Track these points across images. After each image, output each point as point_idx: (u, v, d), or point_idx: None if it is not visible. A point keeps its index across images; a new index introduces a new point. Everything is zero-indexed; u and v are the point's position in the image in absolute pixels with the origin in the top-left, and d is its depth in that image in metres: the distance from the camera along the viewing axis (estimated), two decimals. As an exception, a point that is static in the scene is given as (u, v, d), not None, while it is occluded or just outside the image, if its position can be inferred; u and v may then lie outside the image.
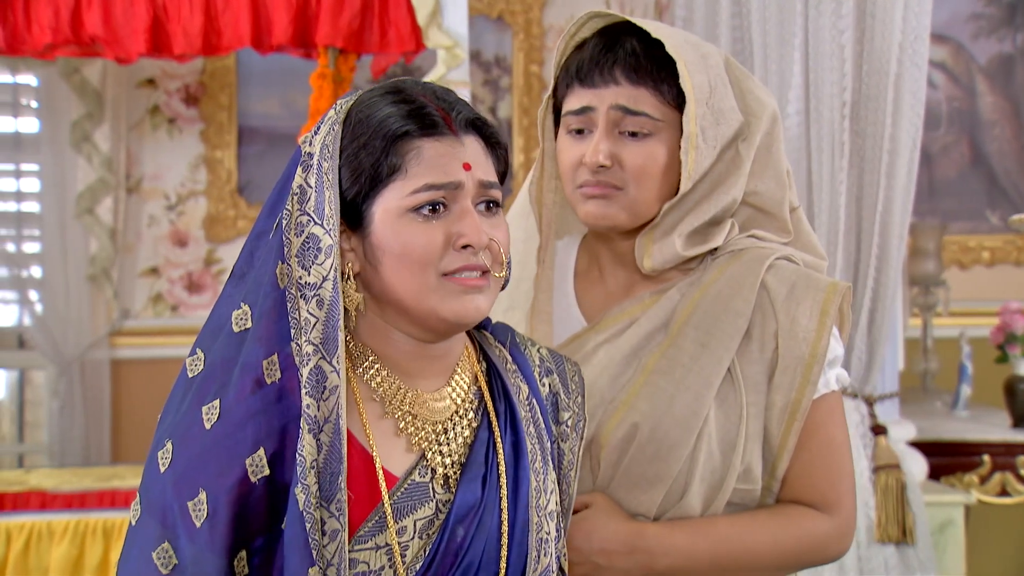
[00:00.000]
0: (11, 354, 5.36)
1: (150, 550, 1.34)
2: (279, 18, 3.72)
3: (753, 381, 1.77)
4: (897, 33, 3.21)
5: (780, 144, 1.86)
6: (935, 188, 5.59)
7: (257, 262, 1.42)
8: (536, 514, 1.50)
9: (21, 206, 5.24)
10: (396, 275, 1.41)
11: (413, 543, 1.41)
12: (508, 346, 1.61)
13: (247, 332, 1.39)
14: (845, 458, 1.83)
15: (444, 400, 1.49)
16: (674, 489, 1.75)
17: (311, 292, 1.37)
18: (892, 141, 3.26)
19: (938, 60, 5.56)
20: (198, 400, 1.38)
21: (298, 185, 1.41)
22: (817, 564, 1.85)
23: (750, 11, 3.36)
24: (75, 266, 5.12)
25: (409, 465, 1.45)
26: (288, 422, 1.35)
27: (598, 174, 1.78)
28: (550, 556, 1.51)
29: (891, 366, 3.63)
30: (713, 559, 1.75)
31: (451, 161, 1.41)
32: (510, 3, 5.43)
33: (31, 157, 5.19)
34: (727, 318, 1.77)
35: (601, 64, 1.78)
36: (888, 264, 3.34)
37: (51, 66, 4.90)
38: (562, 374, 1.64)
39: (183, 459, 1.36)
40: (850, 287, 1.84)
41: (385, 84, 1.48)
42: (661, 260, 1.81)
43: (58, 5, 3.73)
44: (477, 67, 5.39)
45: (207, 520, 1.32)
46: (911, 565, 3.44)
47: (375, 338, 1.47)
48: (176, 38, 3.75)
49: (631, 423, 1.75)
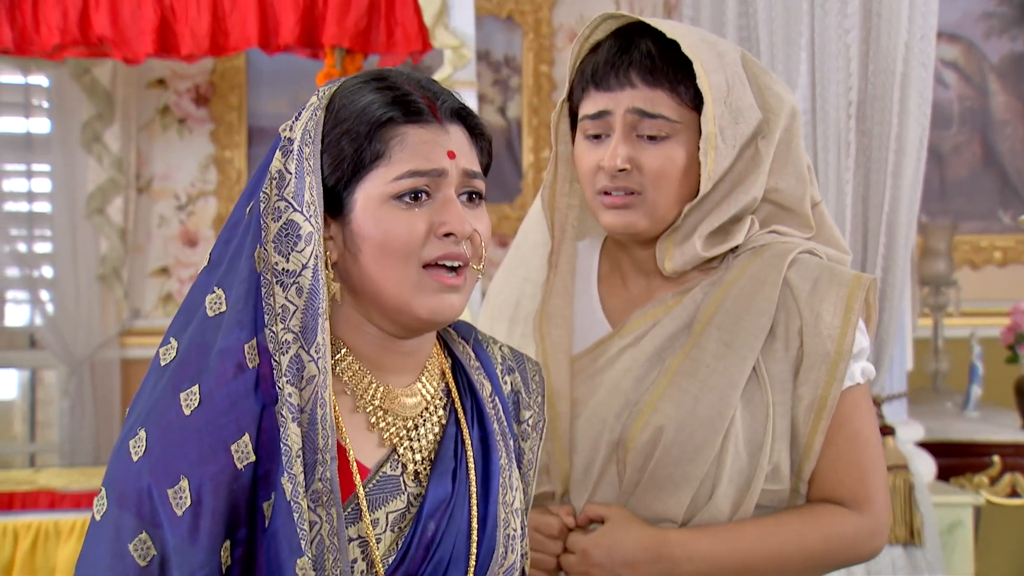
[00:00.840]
0: (23, 354, 5.37)
1: (125, 542, 1.30)
2: (286, 18, 3.72)
3: (779, 380, 1.75)
4: (903, 32, 3.19)
5: (800, 140, 1.84)
6: (947, 188, 5.57)
7: (232, 248, 1.40)
8: (503, 510, 1.49)
9: (32, 206, 5.26)
10: (375, 264, 1.39)
11: (386, 536, 1.40)
12: (472, 343, 1.60)
13: (222, 316, 1.37)
14: (875, 453, 1.79)
15: (415, 396, 1.48)
16: (701, 491, 1.73)
17: (289, 280, 1.35)
18: (899, 141, 3.24)
19: (950, 59, 5.55)
20: (174, 387, 1.35)
21: (277, 170, 1.39)
22: (850, 564, 1.81)
23: (756, 11, 3.34)
24: (85, 266, 5.13)
25: (380, 458, 1.44)
26: (264, 408, 1.33)
27: (616, 179, 1.76)
28: (516, 553, 1.51)
29: (899, 366, 3.62)
30: (739, 563, 1.73)
31: (435, 148, 1.40)
32: (519, 3, 5.42)
33: (42, 157, 5.20)
34: (750, 317, 1.75)
35: (616, 67, 1.76)
36: (895, 264, 3.32)
37: (62, 67, 4.91)
38: (523, 373, 1.63)
39: (160, 446, 1.32)
40: (875, 280, 1.82)
41: (368, 72, 1.47)
42: (682, 262, 1.79)
43: (66, 6, 3.74)
44: (487, 67, 5.39)
45: (190, 508, 1.29)
46: (919, 566, 3.42)
47: (348, 331, 1.45)
48: (183, 39, 3.76)
49: (656, 426, 1.73)
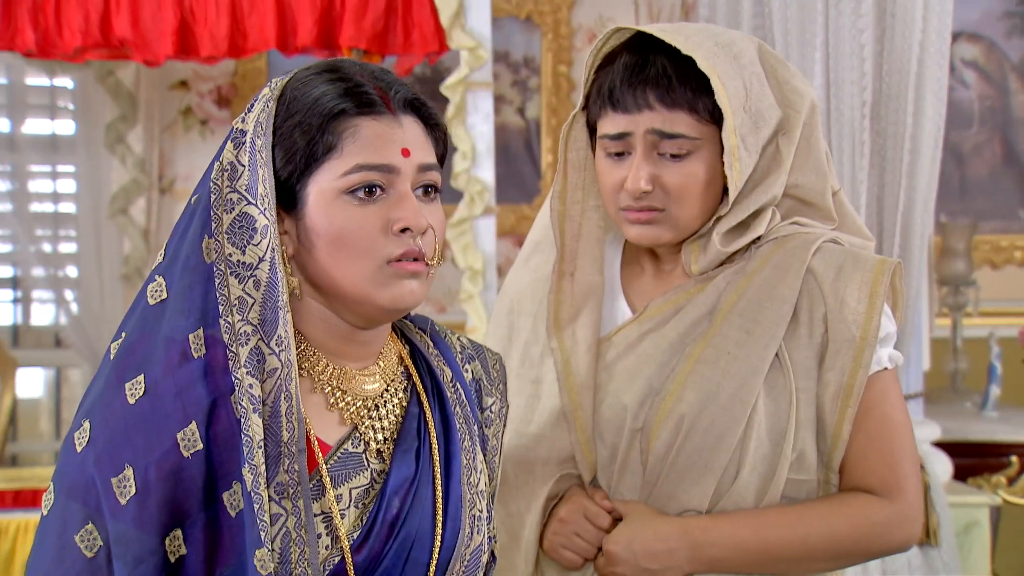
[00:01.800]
0: (48, 353, 5.43)
1: (72, 534, 1.30)
2: (304, 20, 3.74)
3: (803, 367, 1.75)
4: (917, 32, 3.19)
5: (819, 132, 1.83)
6: (967, 187, 5.55)
7: (184, 241, 1.37)
8: (468, 490, 1.49)
9: (58, 207, 5.31)
10: (331, 259, 1.38)
11: (350, 511, 1.40)
12: (428, 333, 1.59)
13: (164, 304, 1.35)
14: (905, 439, 1.77)
15: (373, 377, 1.47)
16: (725, 479, 1.74)
17: (246, 272, 1.33)
18: (913, 140, 3.24)
19: (970, 58, 5.53)
20: (118, 377, 1.34)
21: (229, 162, 1.36)
22: (882, 554, 1.80)
23: (771, 11, 3.35)
24: (109, 266, 5.17)
25: (342, 436, 1.43)
26: (217, 399, 1.32)
27: (640, 199, 1.77)
28: (482, 535, 1.51)
29: (915, 366, 3.61)
30: (763, 548, 1.73)
31: (388, 143, 1.38)
32: (538, 4, 5.44)
33: (67, 159, 5.26)
34: (772, 305, 1.76)
35: (634, 87, 1.76)
36: (910, 264, 3.32)
37: (87, 69, 4.95)
38: (483, 361, 1.62)
39: (104, 436, 1.31)
40: (900, 263, 1.80)
41: (321, 62, 1.45)
42: (707, 263, 1.81)
43: (87, 8, 3.77)
44: (506, 68, 5.41)
45: (135, 497, 1.28)
46: (935, 566, 3.42)
47: (305, 321, 1.43)
48: (203, 40, 3.78)
49: (679, 414, 1.74)
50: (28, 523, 3.62)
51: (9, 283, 5.44)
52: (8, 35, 3.81)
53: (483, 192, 3.71)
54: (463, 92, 3.72)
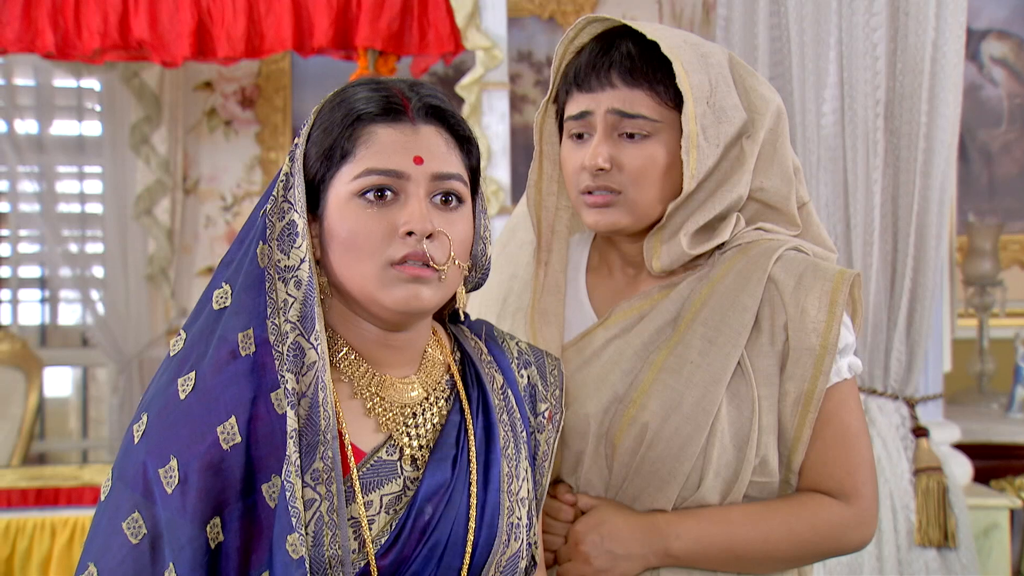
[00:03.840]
0: (75, 352, 5.48)
1: (120, 520, 1.37)
2: (320, 21, 3.76)
3: (764, 374, 1.76)
4: (931, 31, 3.16)
5: (786, 140, 1.85)
6: (995, 186, 5.49)
7: (244, 246, 1.45)
8: (508, 498, 1.51)
9: (84, 208, 5.36)
10: (342, 260, 1.43)
11: (379, 517, 1.43)
12: (484, 339, 1.63)
13: (226, 309, 1.42)
14: (861, 446, 1.81)
15: (413, 385, 1.51)
16: (688, 485, 1.75)
17: (290, 275, 1.41)
18: (928, 140, 3.21)
19: (999, 56, 5.47)
20: (176, 373, 1.41)
21: (284, 173, 1.45)
22: (839, 553, 1.83)
23: (787, 10, 3.33)
24: (134, 266, 5.22)
25: (377, 443, 1.47)
26: (258, 395, 1.38)
27: (598, 177, 1.78)
28: (520, 541, 1.52)
29: (935, 368, 3.57)
30: (727, 545, 1.75)
31: (400, 150, 1.42)
32: (561, 4, 5.44)
33: (94, 160, 5.31)
34: (734, 313, 1.77)
35: (597, 68, 1.78)
36: (925, 264, 3.29)
37: (112, 70, 5.00)
38: (541, 367, 1.65)
39: (157, 429, 1.38)
40: (859, 274, 1.82)
41: (368, 77, 1.53)
42: (669, 261, 1.81)
43: (106, 10, 3.80)
44: (528, 68, 5.41)
45: (179, 486, 1.35)
46: (953, 569, 3.38)
47: (342, 324, 1.49)
48: (220, 42, 3.81)
49: (642, 423, 1.75)
50: (46, 522, 3.64)
51: (37, 283, 5.50)
52: (28, 37, 3.86)
53: (498, 192, 3.71)
54: (478, 92, 3.72)
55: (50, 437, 5.49)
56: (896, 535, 3.34)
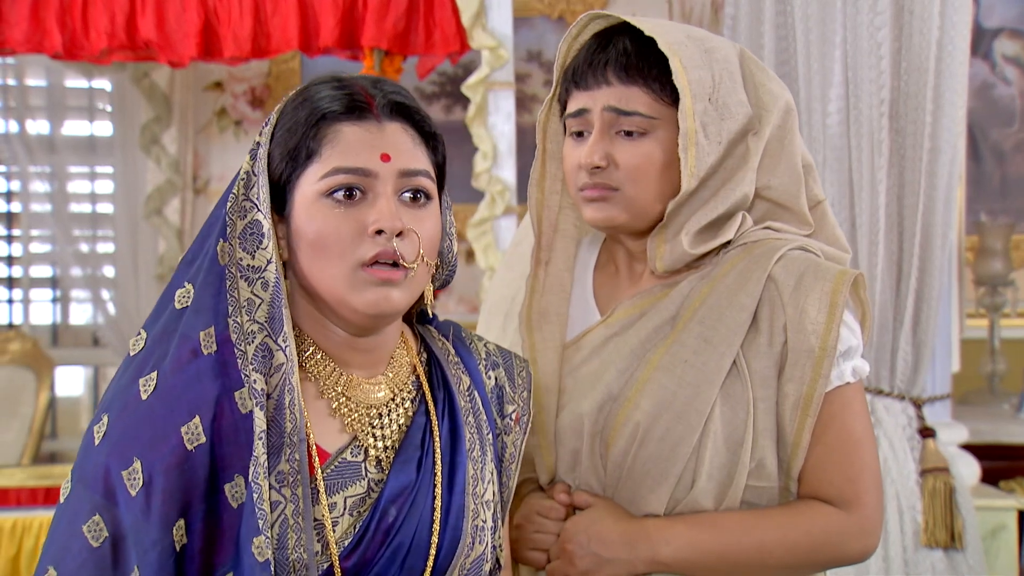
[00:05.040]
0: (86, 351, 5.49)
1: (80, 523, 1.35)
2: (326, 21, 3.76)
3: (761, 376, 1.73)
4: (935, 30, 3.15)
5: (795, 136, 1.82)
6: (1008, 186, 5.46)
7: (205, 245, 1.44)
8: (473, 501, 1.50)
9: (95, 207, 5.38)
10: (311, 262, 1.42)
11: (343, 519, 1.42)
12: (451, 340, 1.61)
13: (187, 308, 1.41)
14: (864, 453, 1.76)
15: (380, 386, 1.50)
16: (681, 487, 1.73)
17: (255, 275, 1.40)
18: (933, 139, 3.20)
19: (1012, 55, 5.45)
20: (136, 373, 1.39)
21: (245, 171, 1.44)
22: (838, 564, 1.78)
23: (793, 9, 3.32)
24: (145, 266, 5.24)
25: (342, 444, 1.46)
26: (221, 394, 1.37)
27: (594, 175, 1.76)
28: (485, 544, 1.52)
29: (942, 368, 3.55)
30: (719, 552, 1.71)
31: (366, 147, 1.41)
32: (571, 3, 5.43)
33: (105, 160, 5.32)
34: (731, 312, 1.74)
35: (594, 65, 1.77)
36: (931, 264, 3.27)
37: (123, 71, 5.01)
38: (509, 368, 1.64)
39: (119, 430, 1.37)
40: (861, 274, 1.78)
41: (330, 73, 1.49)
42: (671, 261, 1.78)
43: (113, 10, 3.81)
44: (538, 67, 5.41)
45: (143, 489, 1.33)
46: (960, 570, 3.36)
47: (310, 324, 1.48)
48: (226, 42, 3.81)
49: (635, 422, 1.73)
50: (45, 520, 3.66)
51: (48, 283, 5.52)
52: (36, 37, 3.87)
53: (504, 192, 3.71)
54: (484, 92, 3.72)
55: (62, 436, 5.50)
56: (903, 536, 3.33)
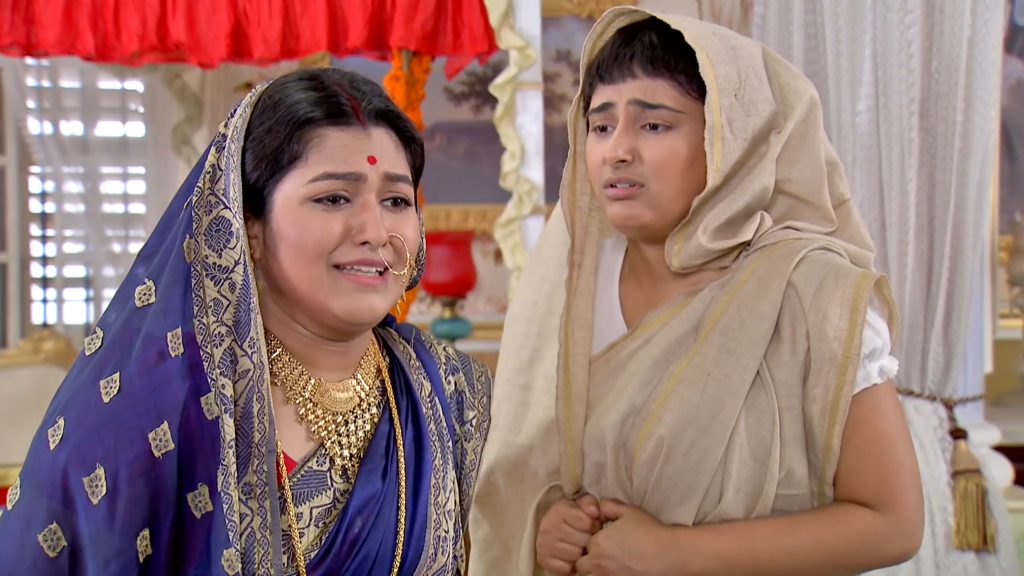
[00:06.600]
0: (119, 350, 5.52)
1: (35, 532, 1.28)
2: (354, 22, 3.77)
3: (786, 385, 1.70)
4: (966, 28, 3.12)
5: (817, 130, 1.79)
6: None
7: (167, 240, 1.39)
8: (435, 511, 1.48)
9: (128, 208, 5.42)
10: (291, 263, 1.39)
11: (309, 530, 1.40)
12: (412, 343, 1.59)
13: (150, 307, 1.36)
14: (898, 453, 1.72)
15: (347, 391, 1.47)
16: (709, 500, 1.70)
17: (222, 275, 1.36)
18: (964, 139, 3.17)
19: (1049, 53, 5.40)
20: (95, 375, 1.34)
21: (211, 165, 1.39)
22: (878, 565, 1.74)
23: (823, 8, 3.30)
24: (175, 266, 5.25)
25: (307, 452, 1.43)
26: (188, 398, 1.32)
27: (619, 170, 1.74)
28: (447, 555, 1.50)
29: (975, 368, 3.52)
30: (751, 560, 1.68)
31: (354, 153, 1.39)
32: (600, 2, 5.42)
33: (137, 160, 5.37)
34: (752, 323, 1.71)
35: (619, 59, 1.75)
36: (963, 264, 3.24)
37: (155, 72, 5.04)
38: (468, 373, 1.62)
39: (78, 434, 1.30)
40: (883, 276, 1.75)
41: (303, 71, 1.47)
42: (687, 256, 1.75)
43: (145, 13, 3.84)
44: (567, 67, 5.40)
45: (106, 497, 1.27)
46: (992, 573, 3.33)
47: (278, 327, 1.44)
48: (256, 43, 3.83)
49: (659, 436, 1.70)
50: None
51: (81, 282, 5.55)
52: (69, 39, 3.90)
53: (532, 192, 3.70)
54: (512, 92, 3.71)
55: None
56: (934, 538, 3.30)
